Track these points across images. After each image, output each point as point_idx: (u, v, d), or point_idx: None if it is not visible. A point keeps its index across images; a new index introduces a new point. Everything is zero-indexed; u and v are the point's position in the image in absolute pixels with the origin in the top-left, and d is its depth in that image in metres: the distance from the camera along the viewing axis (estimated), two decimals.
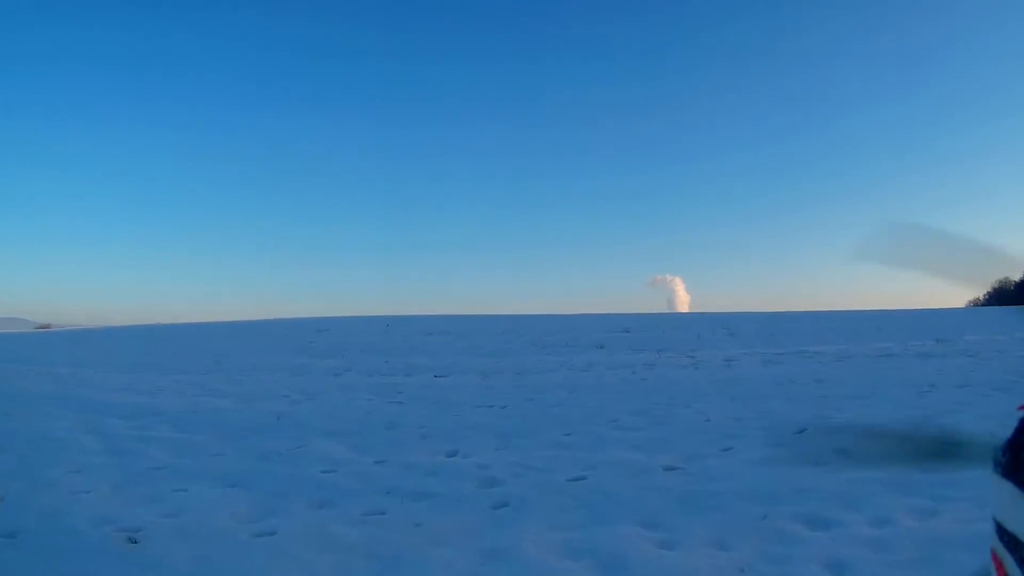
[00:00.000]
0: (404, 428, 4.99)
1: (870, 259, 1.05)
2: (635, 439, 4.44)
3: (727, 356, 10.81)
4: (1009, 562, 0.63)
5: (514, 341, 14.63)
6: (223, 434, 4.71)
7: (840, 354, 10.72)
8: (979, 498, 2.65)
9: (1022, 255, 0.98)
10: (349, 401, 6.44)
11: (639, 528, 2.71)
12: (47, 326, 32.81)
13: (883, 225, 1.04)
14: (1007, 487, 0.64)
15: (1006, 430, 0.69)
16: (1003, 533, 0.64)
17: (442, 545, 2.54)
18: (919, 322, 19.56)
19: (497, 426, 5.01)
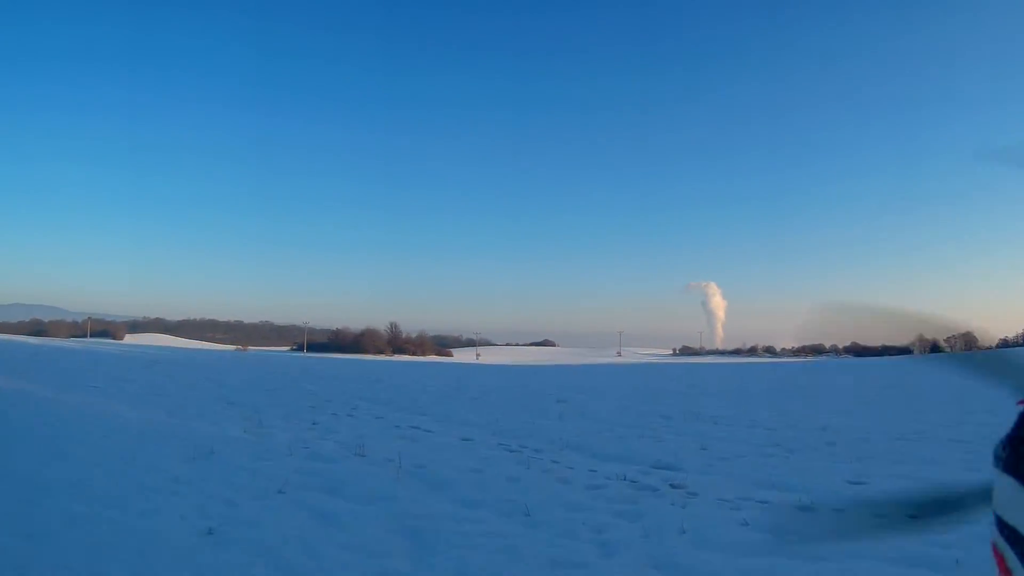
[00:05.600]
0: None
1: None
2: None
3: None
4: (1010, 556, 0.63)
5: None
6: None
7: None
8: None
9: None
10: None
11: None
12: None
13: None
14: (1007, 481, 0.64)
15: None
16: (1004, 527, 0.64)
17: None
18: None
19: None
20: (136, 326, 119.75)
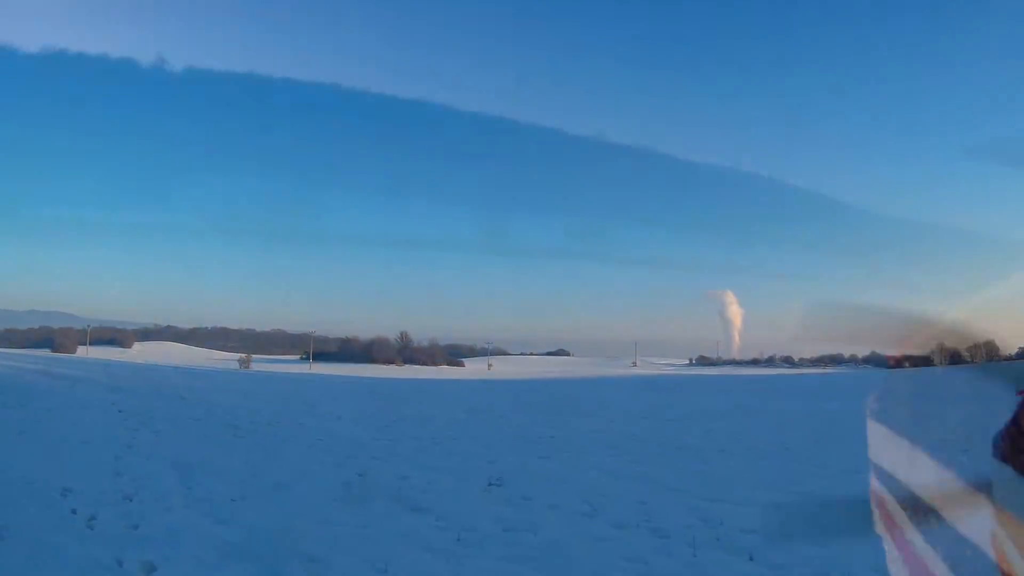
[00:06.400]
0: None
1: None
2: None
3: None
4: (1009, 547, 0.63)
5: None
6: None
7: None
8: None
9: None
10: None
11: None
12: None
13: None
14: (1006, 471, 0.63)
15: None
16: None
17: None
18: None
19: None
20: (147, 334, 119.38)
